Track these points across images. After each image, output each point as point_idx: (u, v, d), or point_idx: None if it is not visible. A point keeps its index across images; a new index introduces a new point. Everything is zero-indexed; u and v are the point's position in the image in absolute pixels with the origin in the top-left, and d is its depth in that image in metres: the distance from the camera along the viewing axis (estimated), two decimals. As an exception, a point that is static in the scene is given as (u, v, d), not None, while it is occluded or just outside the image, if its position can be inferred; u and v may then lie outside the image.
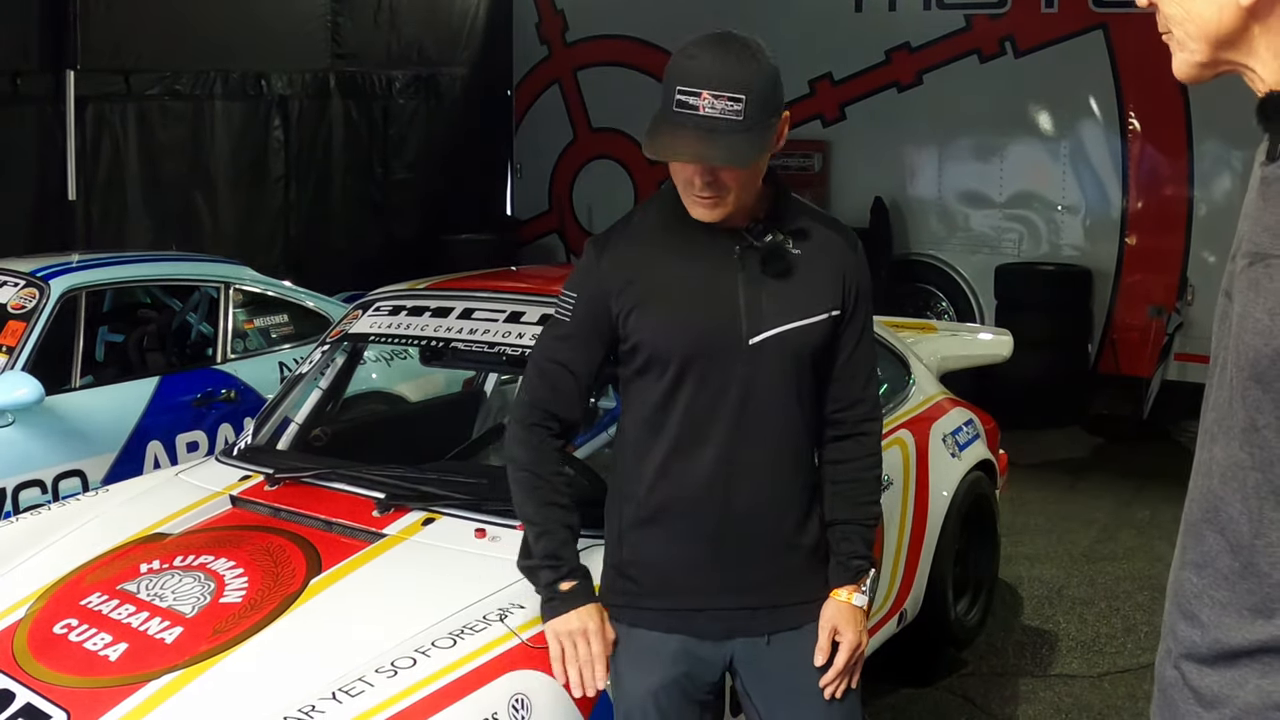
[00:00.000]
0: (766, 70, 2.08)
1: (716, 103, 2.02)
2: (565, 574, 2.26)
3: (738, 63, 2.05)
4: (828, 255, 2.25)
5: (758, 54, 2.09)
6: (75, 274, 4.82)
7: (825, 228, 2.29)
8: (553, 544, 2.26)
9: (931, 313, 8.29)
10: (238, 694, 2.26)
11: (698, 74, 2.05)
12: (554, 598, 2.25)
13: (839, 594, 2.29)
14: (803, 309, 2.21)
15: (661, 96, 2.09)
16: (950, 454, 4.19)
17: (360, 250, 8.78)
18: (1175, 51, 1.41)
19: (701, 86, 2.03)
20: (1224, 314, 1.38)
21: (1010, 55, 8.08)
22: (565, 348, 2.28)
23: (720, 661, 2.29)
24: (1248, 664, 1.33)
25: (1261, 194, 1.35)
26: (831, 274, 2.24)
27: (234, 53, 7.86)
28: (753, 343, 2.17)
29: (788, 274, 2.20)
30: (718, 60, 2.05)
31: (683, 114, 2.04)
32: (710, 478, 2.20)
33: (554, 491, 2.29)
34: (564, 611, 2.23)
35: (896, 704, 4.06)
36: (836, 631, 2.27)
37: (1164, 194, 7.75)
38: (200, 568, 2.70)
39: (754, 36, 2.13)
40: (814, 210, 2.34)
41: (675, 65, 2.09)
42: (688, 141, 2.04)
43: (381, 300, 3.61)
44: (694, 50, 2.08)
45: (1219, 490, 1.36)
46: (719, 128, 2.02)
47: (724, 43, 2.08)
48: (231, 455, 3.42)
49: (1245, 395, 1.31)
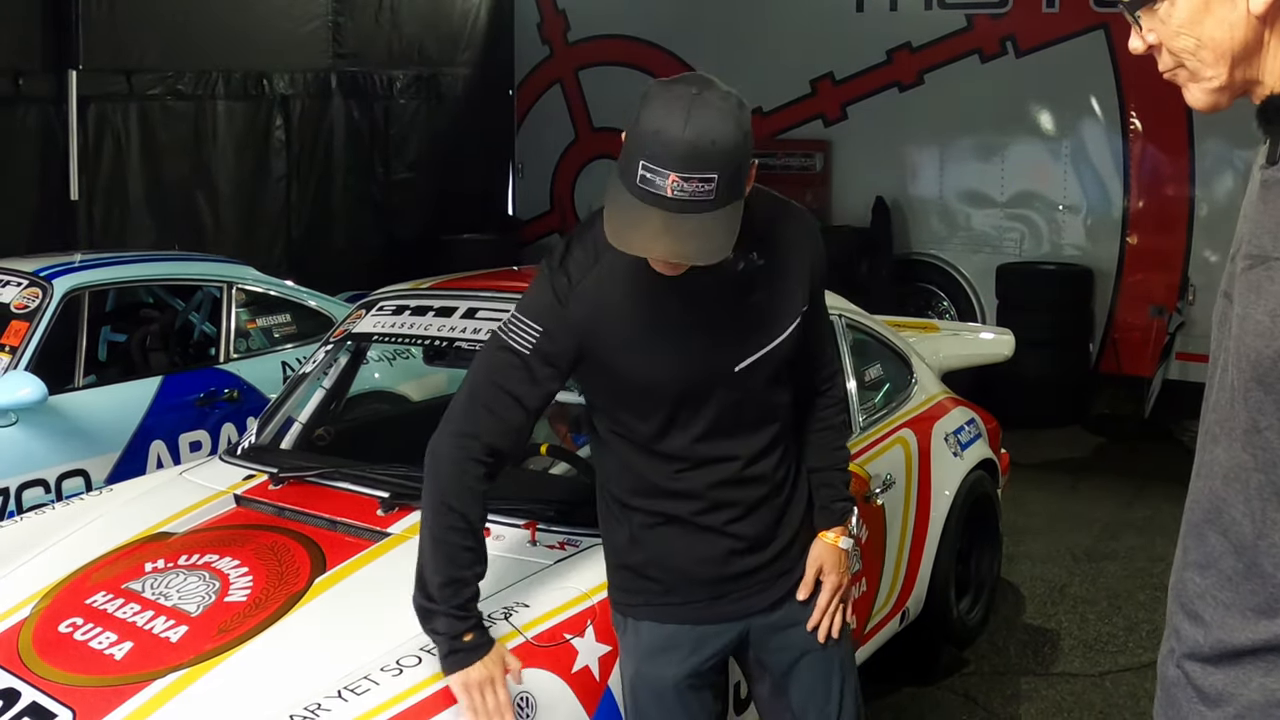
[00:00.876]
0: (740, 136, 1.90)
1: (686, 185, 1.84)
2: (470, 625, 2.17)
3: (710, 135, 1.85)
4: (794, 253, 2.21)
5: (731, 116, 1.88)
6: (78, 274, 4.83)
7: (785, 222, 2.22)
8: (464, 595, 2.16)
9: (933, 312, 8.29)
10: (243, 692, 2.27)
11: (665, 152, 1.84)
12: (458, 650, 2.15)
13: (825, 536, 2.38)
14: (781, 322, 2.20)
15: (621, 162, 1.90)
16: (952, 453, 4.20)
17: (361, 250, 8.79)
18: (1189, 84, 1.40)
19: (669, 168, 1.84)
20: (1224, 315, 1.39)
21: (1011, 55, 8.08)
22: (521, 379, 2.13)
23: (734, 638, 2.36)
24: (1251, 662, 1.33)
25: (1262, 197, 1.35)
26: (799, 274, 2.22)
27: (236, 53, 7.86)
28: (739, 369, 2.18)
29: (762, 290, 2.17)
30: (688, 134, 1.84)
31: (647, 192, 1.86)
32: (713, 485, 2.24)
33: (473, 536, 2.18)
34: (470, 663, 2.15)
35: (898, 702, 4.07)
36: (821, 571, 2.36)
37: (1165, 193, 7.75)
38: (205, 567, 2.70)
39: (728, 88, 1.93)
40: (769, 202, 2.22)
41: (640, 134, 1.88)
42: (655, 231, 1.87)
43: (385, 300, 3.61)
44: (661, 117, 1.86)
45: (1221, 491, 1.36)
46: (688, 208, 1.86)
47: (695, 107, 1.85)
48: (235, 455, 3.43)
49: (1247, 397, 1.31)
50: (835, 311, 3.91)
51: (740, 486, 2.26)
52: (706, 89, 1.89)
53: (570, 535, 2.74)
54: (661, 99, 1.89)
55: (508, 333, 2.15)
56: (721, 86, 1.92)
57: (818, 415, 2.41)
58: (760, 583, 2.33)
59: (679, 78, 1.94)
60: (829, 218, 8.83)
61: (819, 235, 2.29)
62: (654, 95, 1.91)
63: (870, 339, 4.19)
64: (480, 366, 2.20)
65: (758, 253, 2.13)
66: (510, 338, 2.14)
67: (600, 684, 2.42)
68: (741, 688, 2.92)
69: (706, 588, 2.29)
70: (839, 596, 2.38)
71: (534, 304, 2.16)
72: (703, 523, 2.25)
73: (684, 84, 1.90)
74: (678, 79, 1.94)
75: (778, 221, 2.20)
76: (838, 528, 2.39)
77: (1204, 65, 1.37)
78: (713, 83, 1.92)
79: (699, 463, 2.23)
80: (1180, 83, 1.41)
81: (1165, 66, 1.41)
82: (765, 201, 2.19)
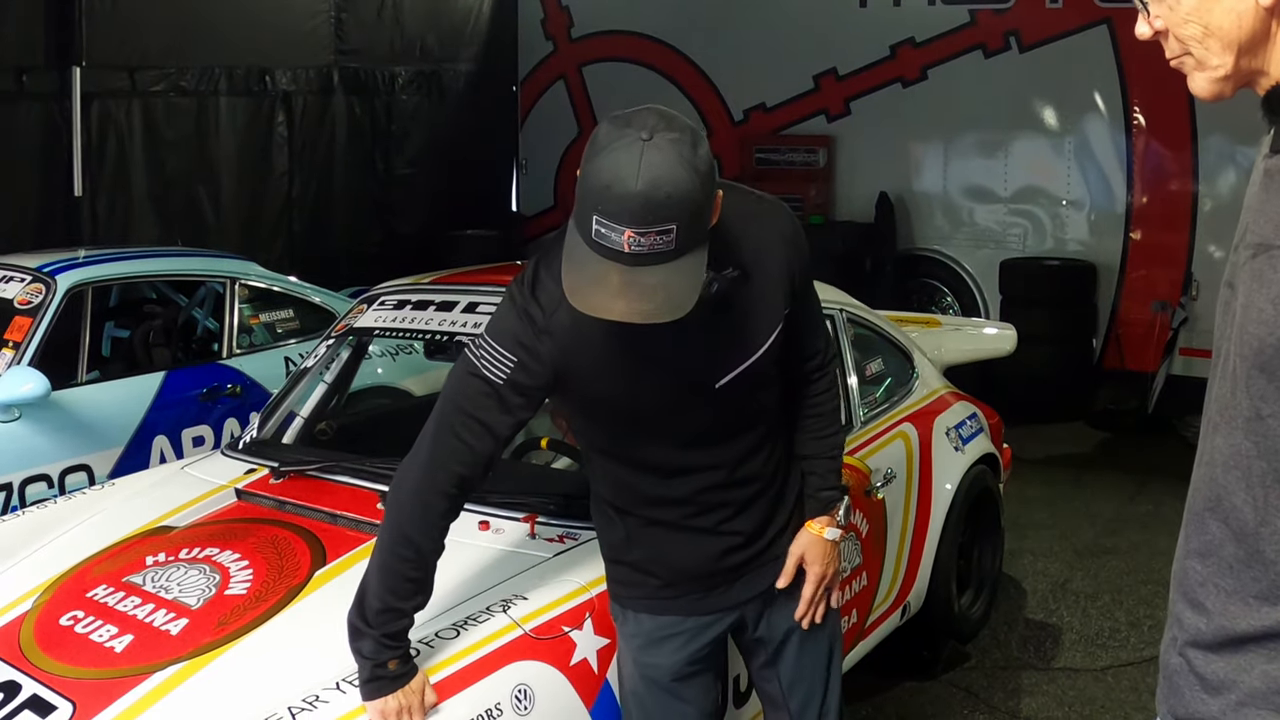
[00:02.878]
0: (696, 180, 1.79)
1: (643, 239, 1.75)
2: (396, 655, 2.14)
3: (664, 187, 1.75)
4: (770, 258, 2.13)
5: (685, 161, 1.78)
6: (81, 269, 4.84)
7: (759, 227, 2.13)
8: (397, 625, 2.14)
9: (936, 307, 8.29)
10: (243, 685, 2.27)
11: (618, 208, 1.75)
12: (380, 677, 2.13)
13: (811, 526, 2.37)
14: (761, 334, 2.15)
15: (576, 209, 1.82)
16: (954, 447, 4.20)
17: (364, 246, 8.81)
18: (1194, 72, 1.40)
19: (624, 224, 1.75)
20: (1227, 305, 1.39)
21: (1015, 50, 8.08)
22: (493, 407, 2.08)
23: (731, 622, 2.38)
24: (1254, 649, 1.34)
25: (1265, 186, 1.35)
26: (778, 278, 2.14)
27: (238, 49, 7.87)
28: (719, 385, 2.15)
29: (740, 304, 2.10)
30: (641, 188, 1.74)
31: (603, 247, 1.78)
32: (701, 490, 2.25)
33: (421, 568, 2.15)
34: (389, 691, 2.12)
35: (899, 697, 4.07)
36: (804, 560, 2.35)
37: (1169, 189, 7.74)
38: (205, 560, 2.71)
39: (682, 125, 1.83)
40: (741, 207, 2.11)
41: (592, 187, 1.78)
42: (614, 291, 1.80)
43: (386, 294, 3.62)
44: (612, 169, 1.76)
45: (1222, 479, 1.37)
46: (647, 261, 1.78)
47: (647, 156, 1.75)
48: (237, 449, 3.43)
49: (1249, 385, 1.31)
50: (836, 305, 3.92)
51: (730, 489, 2.26)
52: (658, 131, 1.78)
53: (569, 528, 2.75)
54: (611, 148, 1.78)
55: (479, 357, 2.09)
56: (675, 125, 1.81)
57: (808, 403, 2.38)
58: (755, 570, 2.34)
59: (629, 117, 1.82)
60: (833, 213, 8.84)
61: (797, 230, 2.21)
62: (604, 143, 1.80)
63: (872, 333, 4.19)
64: (451, 393, 2.14)
65: (733, 265, 2.04)
66: (482, 364, 2.08)
67: (599, 676, 2.43)
68: (741, 680, 2.93)
69: (703, 581, 2.31)
70: (823, 586, 2.38)
71: (506, 331, 2.08)
72: (695, 525, 2.27)
73: (634, 128, 1.79)
74: (628, 119, 1.82)
75: (751, 228, 2.11)
76: (823, 517, 2.37)
77: (1210, 54, 1.37)
78: (665, 122, 1.81)
79: (685, 471, 2.23)
80: (1186, 71, 1.41)
81: (1172, 53, 1.41)
82: (737, 209, 2.07)
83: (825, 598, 2.41)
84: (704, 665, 2.39)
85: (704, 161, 1.82)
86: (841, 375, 3.81)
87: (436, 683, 2.21)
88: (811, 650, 2.45)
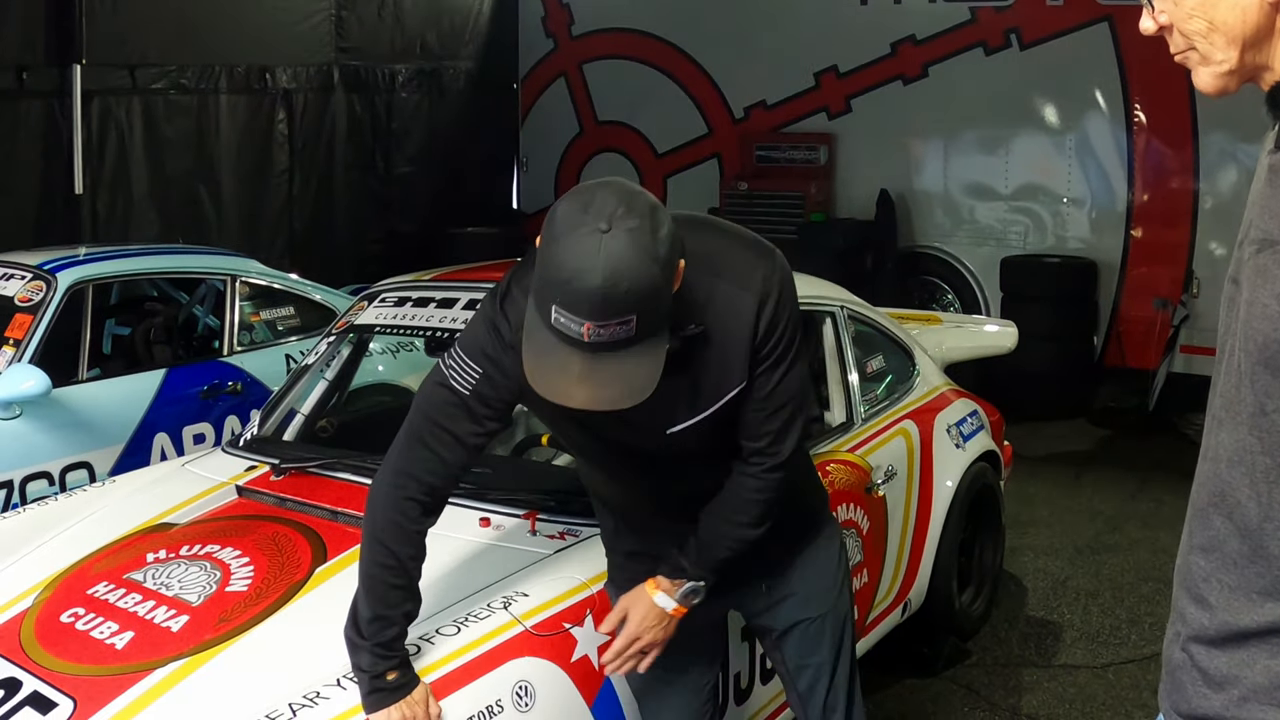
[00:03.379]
0: (657, 270, 1.77)
1: (603, 330, 1.74)
2: (393, 664, 2.13)
3: (623, 284, 1.73)
4: (736, 319, 2.03)
5: (645, 252, 1.75)
6: (82, 267, 4.84)
7: (731, 284, 2.02)
8: (389, 633, 2.13)
9: (937, 305, 8.30)
10: (243, 681, 2.27)
11: (577, 302, 1.73)
12: (380, 689, 2.11)
13: (650, 583, 2.26)
14: (714, 393, 2.09)
15: (535, 289, 1.80)
16: (954, 444, 4.20)
17: (364, 243, 8.82)
18: (1199, 67, 1.39)
19: (584, 317, 1.73)
20: (1231, 300, 1.39)
21: (1015, 48, 8.08)
22: (460, 418, 2.09)
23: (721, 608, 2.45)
24: (1257, 645, 1.34)
25: (1270, 181, 1.35)
26: (739, 344, 2.04)
27: (238, 47, 7.88)
28: (670, 433, 2.13)
29: (699, 360, 2.04)
30: (601, 283, 1.72)
31: (563, 334, 1.77)
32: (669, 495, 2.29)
33: (403, 575, 2.14)
34: (390, 703, 2.11)
35: (900, 694, 4.07)
36: (626, 614, 2.27)
37: (1170, 186, 7.74)
38: (206, 557, 2.71)
39: (642, 209, 1.78)
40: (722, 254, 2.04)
41: (551, 276, 1.75)
42: (574, 378, 1.79)
43: (387, 291, 3.62)
44: (572, 262, 1.73)
45: (1226, 475, 1.36)
46: (606, 349, 1.77)
47: (606, 248, 1.73)
48: (237, 446, 3.43)
49: (1254, 380, 1.31)
50: (837, 302, 3.91)
51: (700, 499, 2.26)
52: (617, 220, 1.75)
53: (570, 525, 2.75)
54: (571, 239, 1.75)
55: (449, 368, 2.10)
56: (634, 209, 1.77)
57: (734, 481, 2.22)
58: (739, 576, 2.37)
59: (588, 200, 1.78)
60: (834, 210, 8.84)
61: (779, 293, 2.05)
62: (562, 229, 1.77)
63: (873, 330, 4.19)
64: (421, 402, 2.16)
65: (696, 321, 2.00)
66: (451, 375, 2.09)
67: (599, 673, 2.43)
68: (743, 678, 2.93)
69: None
70: (635, 647, 2.25)
71: (474, 343, 2.09)
72: (671, 528, 2.28)
73: (592, 216, 1.75)
74: (587, 203, 1.78)
75: (720, 287, 2.02)
76: (666, 581, 2.24)
77: (1215, 49, 1.36)
78: (625, 206, 1.77)
79: (651, 482, 2.25)
80: (1190, 65, 1.41)
81: (1176, 48, 1.41)
82: (709, 264, 2.00)
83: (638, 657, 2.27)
84: (695, 648, 2.41)
85: (664, 245, 1.79)
86: (842, 373, 3.82)
87: (437, 679, 2.21)
88: (817, 637, 2.47)
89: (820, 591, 2.47)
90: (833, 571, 2.50)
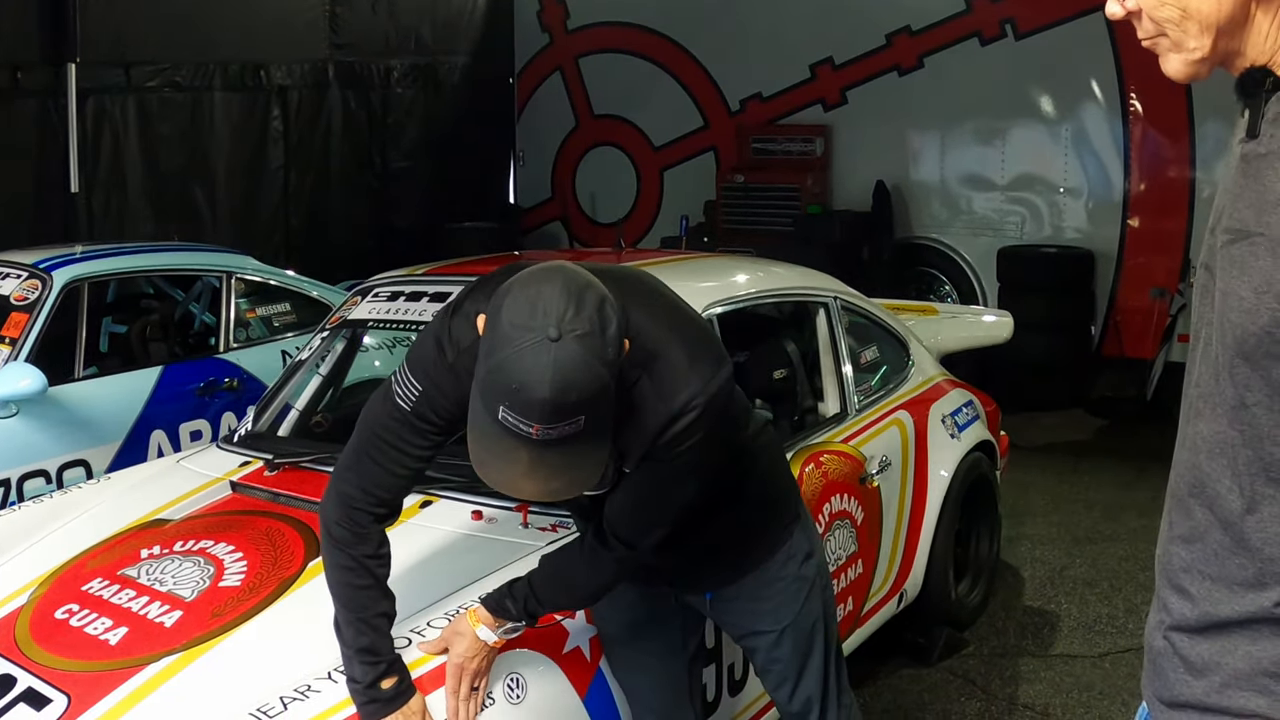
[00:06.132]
0: (605, 375, 1.75)
1: (551, 430, 1.72)
2: (385, 671, 2.12)
3: (573, 392, 1.70)
4: (644, 418, 1.96)
5: (595, 357, 1.73)
6: (78, 265, 4.84)
7: (653, 387, 1.95)
8: (367, 637, 2.11)
9: (934, 296, 8.29)
10: (236, 675, 2.28)
11: (526, 409, 1.70)
12: (375, 699, 2.10)
13: (473, 611, 2.22)
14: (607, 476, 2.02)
15: (481, 392, 1.77)
16: (949, 435, 4.20)
17: (360, 239, 8.82)
18: (1169, 53, 1.38)
19: (532, 420, 1.71)
20: (1204, 289, 1.38)
21: (1011, 38, 8.07)
22: (404, 432, 2.09)
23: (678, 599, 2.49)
24: (1238, 632, 1.34)
25: (1242, 171, 1.34)
26: (638, 441, 1.98)
27: (233, 44, 7.89)
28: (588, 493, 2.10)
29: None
30: (550, 394, 1.69)
31: (510, 431, 1.74)
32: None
33: (366, 574, 2.13)
34: (384, 714, 2.10)
35: (897, 684, 4.07)
36: (449, 643, 2.22)
37: (1166, 176, 7.74)
38: (200, 552, 2.72)
39: (591, 307, 1.75)
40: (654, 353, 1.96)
41: (498, 380, 1.72)
42: (521, 471, 1.77)
43: (380, 286, 3.62)
44: (520, 372, 1.70)
45: (1206, 466, 1.36)
46: (554, 445, 1.74)
47: (556, 358, 1.70)
48: (232, 442, 3.44)
49: (1233, 373, 1.31)
50: (830, 294, 3.91)
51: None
52: (565, 326, 1.71)
53: (562, 518, 2.75)
54: (518, 349, 1.71)
55: (397, 383, 2.10)
56: (583, 312, 1.74)
57: (574, 547, 2.24)
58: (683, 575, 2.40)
59: (534, 301, 1.74)
60: (830, 202, 8.84)
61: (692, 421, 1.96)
62: (509, 335, 1.72)
63: (867, 321, 4.19)
64: (367, 416, 2.15)
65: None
66: (396, 390, 2.09)
67: (591, 664, 2.44)
68: (736, 669, 2.94)
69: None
70: (467, 685, 2.19)
71: (419, 361, 2.08)
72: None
73: (541, 319, 1.71)
74: (534, 305, 1.73)
75: (641, 386, 1.95)
76: (485, 612, 2.20)
77: (1188, 36, 1.34)
78: (573, 307, 1.74)
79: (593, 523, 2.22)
80: (1160, 52, 1.39)
81: (1146, 34, 1.39)
82: (641, 359, 1.93)
83: (472, 698, 2.20)
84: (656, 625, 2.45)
85: (613, 344, 1.77)
86: (836, 364, 3.82)
87: (429, 672, 2.22)
88: (774, 648, 2.45)
89: (775, 608, 2.42)
90: (787, 590, 2.42)
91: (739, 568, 2.40)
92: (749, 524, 2.39)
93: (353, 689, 2.13)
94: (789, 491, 2.53)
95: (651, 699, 2.49)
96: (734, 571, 2.40)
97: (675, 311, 2.11)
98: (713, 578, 2.42)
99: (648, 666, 2.47)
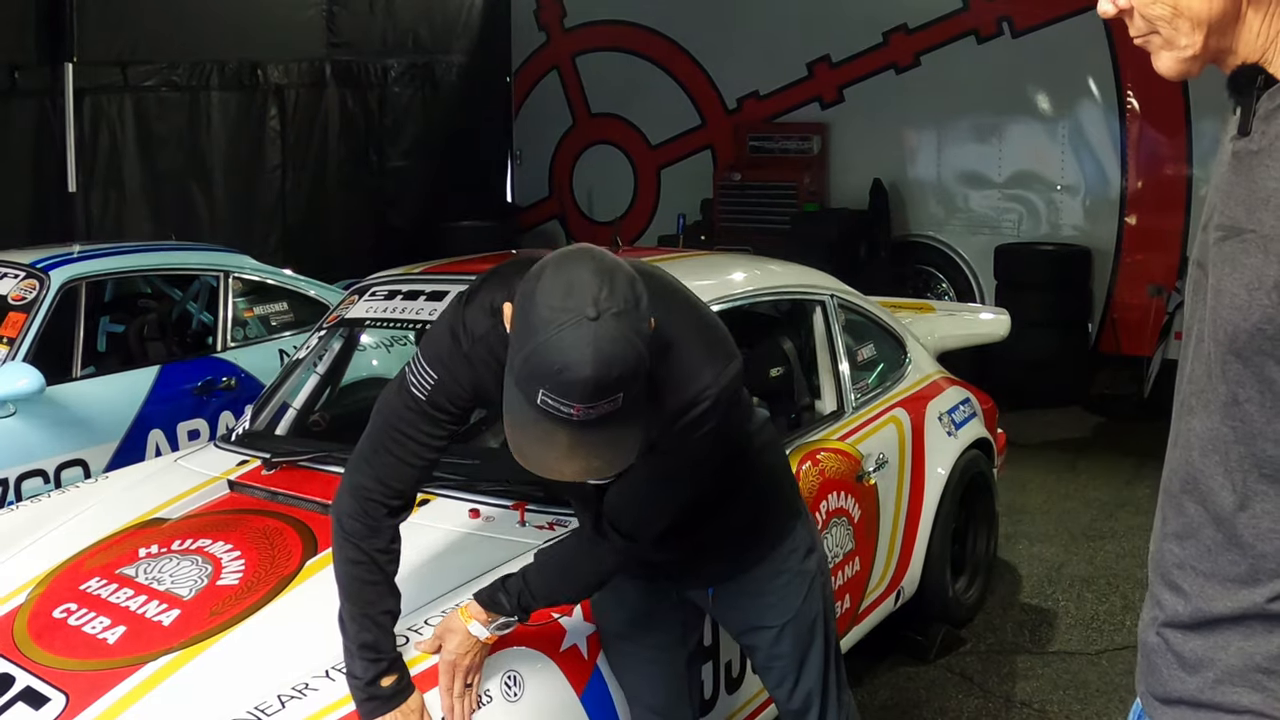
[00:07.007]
0: (642, 348, 1.75)
1: (592, 410, 1.72)
2: (385, 668, 2.12)
3: (614, 370, 1.70)
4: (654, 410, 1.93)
5: (632, 333, 1.73)
6: (75, 265, 4.84)
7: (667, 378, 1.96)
8: (370, 633, 2.12)
9: (932, 294, 8.31)
10: (234, 674, 2.28)
11: (569, 390, 1.70)
12: (374, 696, 2.10)
13: (464, 608, 2.22)
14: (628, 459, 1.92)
15: (518, 378, 1.75)
16: (946, 432, 4.20)
17: (358, 238, 8.82)
18: (1161, 51, 1.38)
19: (574, 400, 1.71)
20: (1197, 285, 1.39)
21: (1008, 35, 8.08)
22: (418, 422, 2.11)
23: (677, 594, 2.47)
24: (1231, 628, 1.34)
25: (1233, 168, 1.34)
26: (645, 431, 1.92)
27: (230, 43, 7.88)
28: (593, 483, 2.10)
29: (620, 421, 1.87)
30: (593, 373, 1.69)
31: (550, 414, 1.73)
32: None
33: (377, 570, 2.14)
34: (383, 712, 2.10)
35: (894, 681, 4.08)
36: (442, 640, 2.22)
37: (1163, 173, 7.75)
38: (198, 551, 2.72)
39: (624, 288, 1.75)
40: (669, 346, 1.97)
41: (538, 364, 1.71)
42: (562, 452, 1.77)
43: (377, 285, 3.62)
44: (562, 353, 1.69)
45: (1199, 463, 1.36)
46: (595, 424, 1.74)
47: (598, 337, 1.69)
48: (230, 441, 3.44)
49: (1225, 370, 1.31)
50: (827, 291, 3.92)
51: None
52: (603, 305, 1.71)
53: (559, 516, 2.75)
54: (558, 329, 1.70)
55: (410, 372, 2.12)
56: (617, 291, 1.74)
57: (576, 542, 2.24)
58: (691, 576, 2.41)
59: (569, 282, 1.74)
60: (827, 200, 8.85)
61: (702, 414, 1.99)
62: (546, 319, 1.71)
63: (863, 319, 4.19)
64: (382, 407, 2.17)
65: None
66: (410, 379, 2.11)
67: (589, 662, 2.44)
68: (734, 666, 2.94)
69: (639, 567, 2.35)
70: (461, 682, 2.19)
71: (433, 349, 2.11)
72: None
73: (576, 301, 1.71)
74: (569, 287, 1.73)
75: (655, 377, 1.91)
76: (478, 607, 2.20)
77: (1179, 33, 1.35)
78: (607, 288, 1.74)
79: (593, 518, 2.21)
80: (1151, 50, 1.39)
81: (1137, 32, 1.39)
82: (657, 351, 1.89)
83: (466, 695, 2.19)
84: (657, 622, 2.44)
85: (646, 318, 1.79)
86: (833, 361, 3.82)
87: (425, 670, 2.22)
88: (776, 643, 2.46)
89: (777, 603, 2.43)
90: (789, 584, 2.43)
91: (741, 562, 2.41)
92: (752, 518, 2.41)
93: (353, 685, 2.14)
94: (790, 487, 2.56)
95: (650, 696, 2.49)
96: (736, 566, 2.41)
97: (690, 306, 2.14)
98: (715, 572, 2.43)
99: (647, 663, 2.48)
